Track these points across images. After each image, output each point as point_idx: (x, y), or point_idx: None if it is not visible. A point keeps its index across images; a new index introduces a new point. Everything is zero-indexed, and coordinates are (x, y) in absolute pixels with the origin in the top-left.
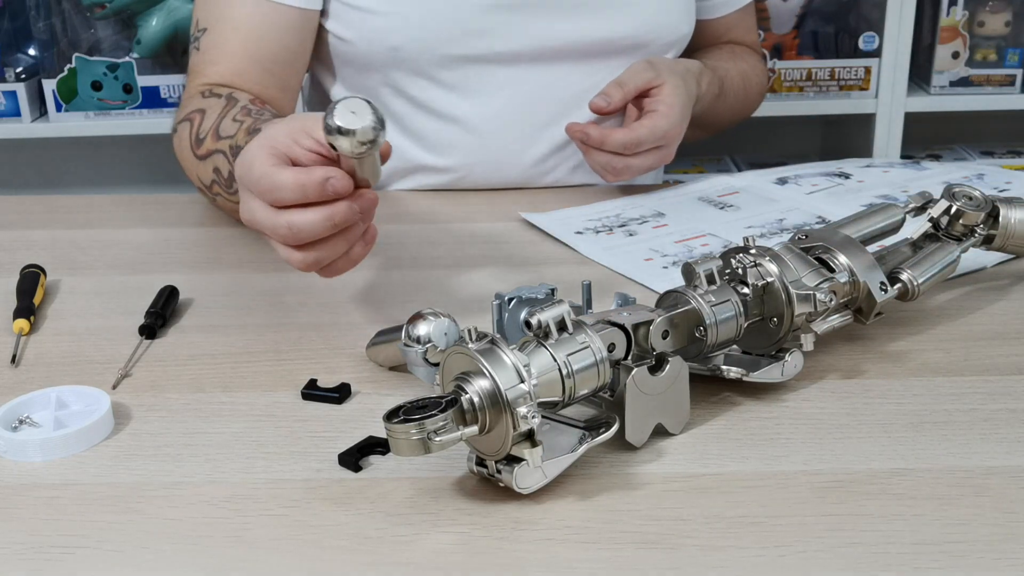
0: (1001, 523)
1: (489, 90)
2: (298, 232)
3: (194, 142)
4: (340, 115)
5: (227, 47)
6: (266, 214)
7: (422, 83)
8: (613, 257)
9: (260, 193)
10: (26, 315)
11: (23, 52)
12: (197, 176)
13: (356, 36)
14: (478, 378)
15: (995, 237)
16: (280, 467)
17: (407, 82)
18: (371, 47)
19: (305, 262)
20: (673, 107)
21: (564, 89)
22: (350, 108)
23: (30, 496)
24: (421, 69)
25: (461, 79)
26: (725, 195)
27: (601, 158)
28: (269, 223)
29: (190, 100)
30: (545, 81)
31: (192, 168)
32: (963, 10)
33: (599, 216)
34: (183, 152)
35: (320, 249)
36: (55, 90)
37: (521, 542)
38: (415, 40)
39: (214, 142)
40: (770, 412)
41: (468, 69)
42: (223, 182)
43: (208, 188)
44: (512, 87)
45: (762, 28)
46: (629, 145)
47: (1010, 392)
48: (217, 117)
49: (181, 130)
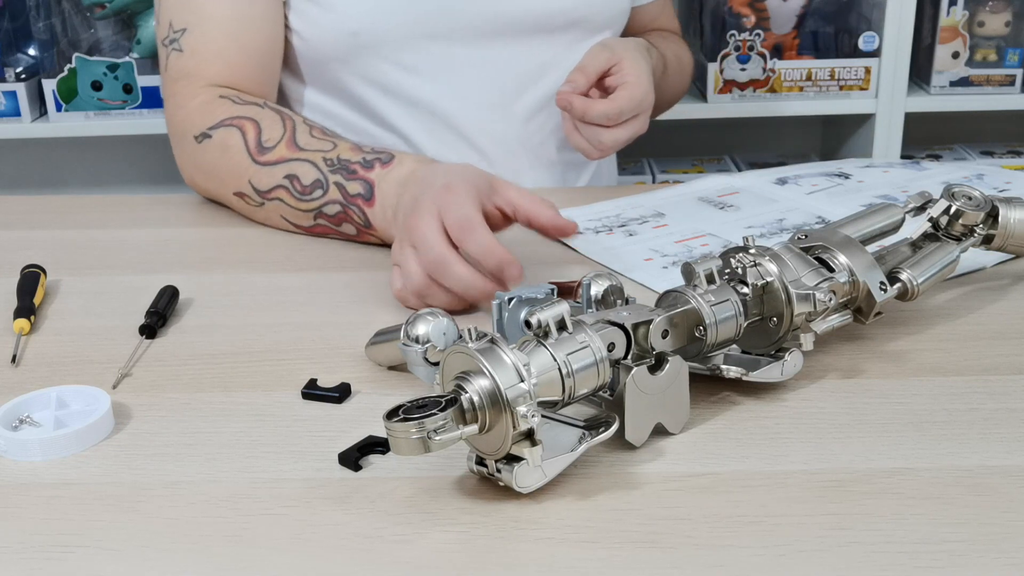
0: (1001, 523)
1: (450, 71)
2: (428, 299)
3: (255, 147)
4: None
5: (216, 45)
6: (419, 272)
7: (385, 68)
8: (613, 257)
9: (425, 261)
10: (26, 315)
11: (23, 52)
12: (248, 181)
13: (314, 30)
14: (478, 377)
15: (995, 237)
16: (280, 467)
17: (370, 68)
18: (331, 37)
19: (413, 304)
20: (640, 76)
21: (521, 65)
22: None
23: (30, 496)
24: (383, 53)
25: (423, 61)
26: (725, 195)
27: (586, 132)
28: (419, 280)
29: (209, 105)
30: (502, 57)
31: (240, 173)
32: (963, 10)
33: (599, 216)
34: (225, 156)
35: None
36: (55, 90)
37: (521, 541)
38: (374, 23)
39: (292, 151)
40: (770, 412)
41: (428, 50)
42: (297, 189)
43: (263, 192)
44: (471, 65)
45: (762, 28)
46: (612, 115)
47: (1010, 392)
48: (284, 126)
49: (223, 136)
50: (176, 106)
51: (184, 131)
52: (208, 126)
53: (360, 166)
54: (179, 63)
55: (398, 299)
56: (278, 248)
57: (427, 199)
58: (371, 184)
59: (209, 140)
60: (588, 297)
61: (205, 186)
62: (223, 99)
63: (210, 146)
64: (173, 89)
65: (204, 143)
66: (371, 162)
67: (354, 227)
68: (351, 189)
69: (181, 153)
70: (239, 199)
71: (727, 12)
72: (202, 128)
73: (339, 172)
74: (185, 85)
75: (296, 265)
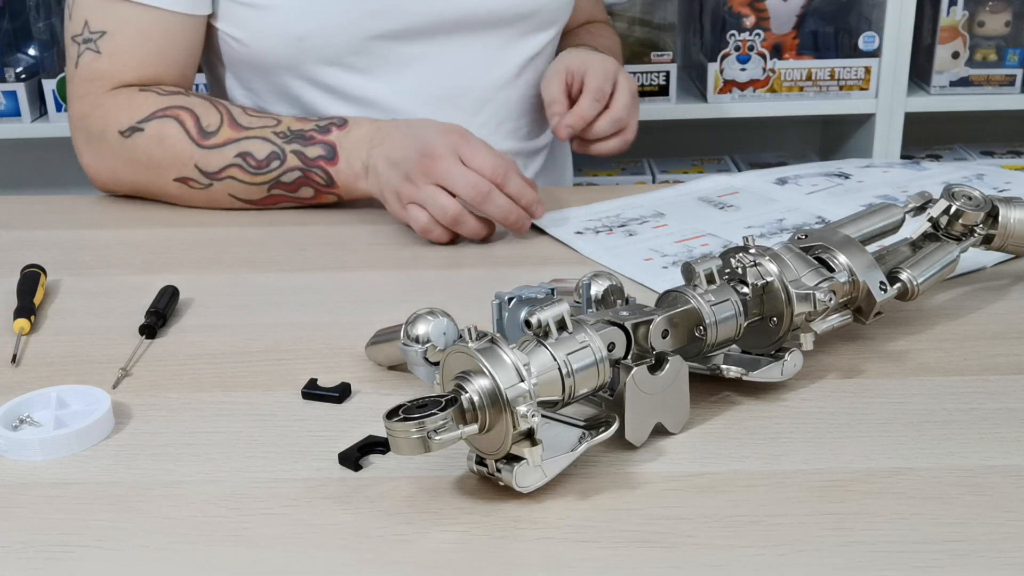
0: (1001, 523)
1: (397, 69)
2: (459, 227)
3: (197, 134)
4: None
5: (135, 52)
6: (453, 203)
7: (332, 71)
8: (613, 257)
9: (469, 191)
10: (26, 315)
11: (23, 52)
12: (194, 165)
13: (252, 35)
14: (478, 377)
15: (995, 237)
16: (280, 467)
17: (316, 71)
18: (273, 41)
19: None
20: (616, 80)
21: (467, 59)
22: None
23: (30, 495)
24: (329, 56)
25: (369, 61)
26: (725, 195)
27: (604, 147)
28: (455, 210)
29: (133, 100)
30: (447, 55)
31: (182, 159)
32: (963, 10)
33: (599, 216)
34: (163, 145)
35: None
36: (55, 90)
37: (521, 541)
38: (319, 27)
39: (236, 131)
40: (770, 411)
41: (374, 50)
42: (251, 165)
43: (212, 174)
44: (417, 64)
45: (762, 28)
46: (618, 120)
47: (1010, 392)
48: (219, 112)
49: (158, 127)
50: (91, 104)
51: (104, 128)
52: (137, 120)
53: (316, 132)
54: (95, 64)
55: (423, 233)
56: (278, 248)
57: (440, 146)
58: (332, 145)
59: (140, 133)
60: (588, 297)
61: (132, 179)
62: (146, 92)
63: (141, 139)
64: (85, 88)
65: (134, 136)
66: (326, 127)
67: (313, 189)
68: (311, 153)
69: (98, 151)
70: (180, 184)
71: (727, 12)
72: (130, 122)
73: (295, 141)
74: (100, 85)
75: (296, 265)
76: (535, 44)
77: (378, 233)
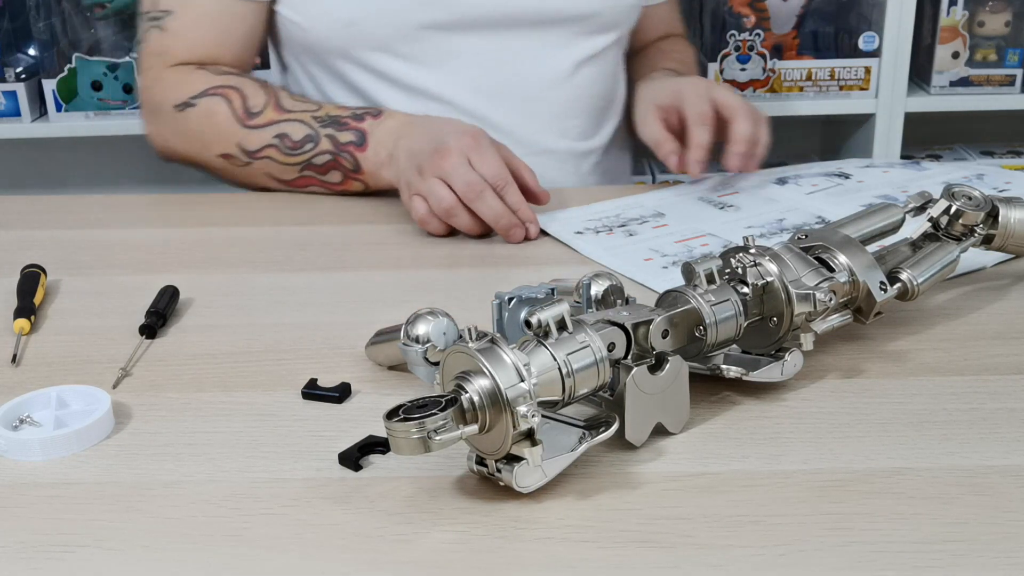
0: (1001, 523)
1: (446, 59)
2: (452, 220)
3: (242, 113)
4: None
5: (197, 33)
6: (449, 195)
7: (382, 57)
8: (613, 257)
9: (462, 186)
10: (26, 315)
11: (23, 52)
12: (236, 143)
13: (309, 17)
14: (478, 377)
15: (995, 237)
16: (280, 467)
17: (367, 56)
18: (326, 25)
19: (434, 227)
20: (711, 97)
21: (516, 56)
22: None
23: (30, 495)
24: (378, 43)
25: (418, 50)
26: (725, 195)
27: (757, 158)
28: (449, 202)
29: (189, 77)
30: (497, 49)
31: (227, 136)
32: (963, 10)
33: (599, 216)
34: (211, 121)
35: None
36: (55, 90)
37: (521, 541)
38: (369, 13)
39: (279, 114)
40: (770, 411)
41: (423, 39)
42: (287, 146)
43: (251, 152)
44: (467, 55)
45: (762, 28)
46: (750, 138)
47: (1010, 392)
48: (267, 94)
49: (208, 104)
50: (153, 78)
51: (161, 101)
52: (190, 95)
53: (351, 119)
54: (160, 40)
55: (420, 223)
56: (278, 248)
57: (453, 144)
58: (364, 132)
59: (192, 108)
60: (588, 297)
61: (184, 150)
62: (202, 71)
63: (193, 114)
64: (150, 62)
65: (186, 111)
66: (361, 115)
67: (341, 173)
68: (342, 138)
69: (156, 121)
70: (224, 160)
71: (727, 12)
72: (183, 97)
73: (330, 126)
74: (162, 60)
75: (296, 265)
76: (593, 46)
77: (378, 233)
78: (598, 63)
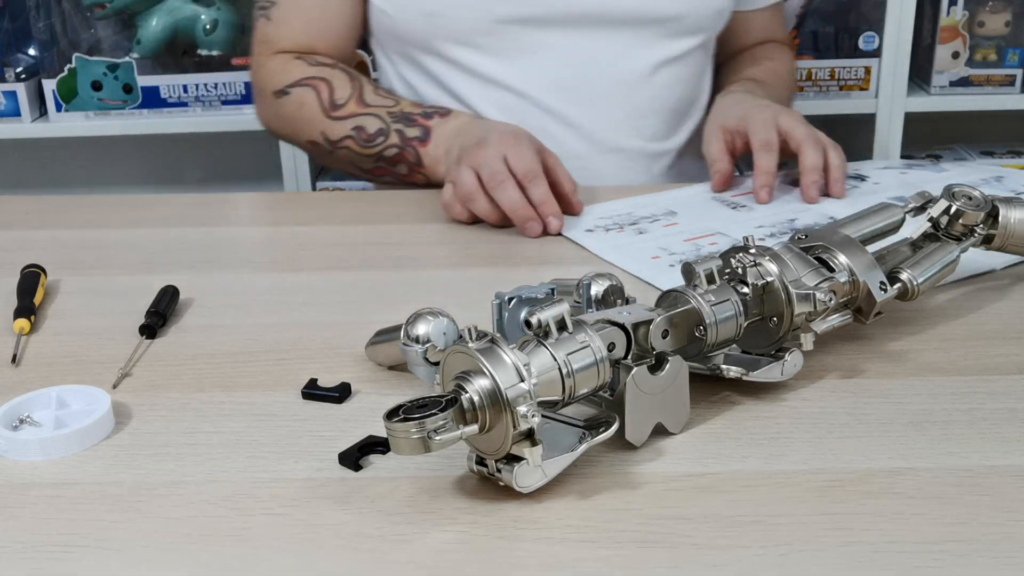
0: (1001, 523)
1: (525, 54)
2: (472, 205)
3: (328, 105)
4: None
5: (298, 23)
6: (473, 181)
7: (463, 50)
8: (621, 255)
9: (486, 173)
10: (26, 315)
11: (23, 52)
12: (321, 132)
13: (395, 7)
14: (478, 377)
15: (995, 237)
16: (280, 467)
17: (448, 49)
18: (411, 16)
19: (456, 212)
20: (778, 125)
21: (594, 55)
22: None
23: (30, 496)
24: (459, 35)
25: (498, 44)
26: (739, 195)
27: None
28: (471, 187)
29: (286, 65)
30: (576, 46)
31: (314, 125)
32: (963, 10)
33: (612, 214)
34: (302, 110)
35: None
36: (55, 90)
37: (521, 541)
38: (449, 5)
39: (360, 107)
40: (770, 411)
41: (503, 33)
42: (363, 138)
43: (333, 142)
44: (545, 51)
45: None
46: (819, 167)
47: (1010, 392)
48: (352, 88)
49: (300, 94)
50: (258, 65)
51: (263, 87)
52: (286, 84)
53: (420, 116)
54: (264, 29)
55: (444, 207)
56: (278, 248)
57: (494, 140)
58: (428, 129)
59: (287, 96)
60: (588, 297)
61: (283, 132)
62: (298, 60)
63: (288, 101)
64: (257, 49)
65: (282, 99)
66: (430, 114)
67: (407, 167)
68: (409, 133)
69: (260, 104)
70: (312, 146)
71: None
72: (280, 85)
73: (401, 121)
74: (266, 48)
75: (296, 265)
76: (674, 48)
77: (378, 233)
78: (679, 66)
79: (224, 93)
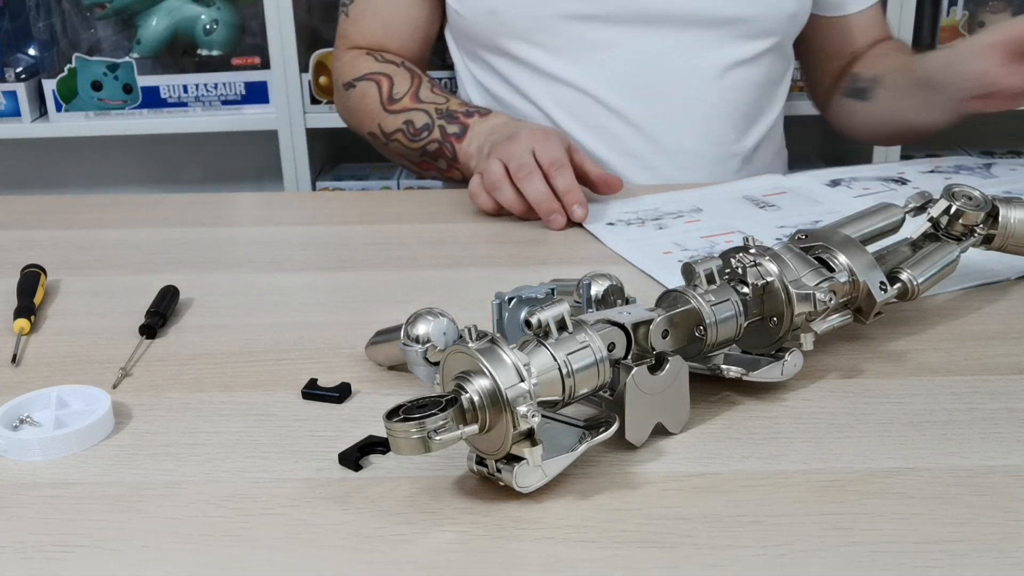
0: (1001, 523)
1: (588, 52)
2: (497, 194)
3: (386, 99)
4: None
5: (368, 21)
6: (500, 171)
7: (525, 47)
8: (633, 250)
9: (514, 164)
10: (26, 315)
11: (23, 52)
12: (378, 124)
13: (463, 5)
14: (478, 377)
15: (995, 237)
16: (280, 467)
17: (512, 46)
18: (477, 13)
19: (482, 201)
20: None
21: (659, 55)
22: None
23: (30, 496)
24: (521, 32)
25: (560, 41)
26: (771, 195)
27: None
28: (498, 176)
29: (356, 60)
30: (640, 45)
31: (373, 117)
32: (963, 10)
33: (637, 209)
34: (364, 103)
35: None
36: (55, 90)
37: (521, 541)
38: (511, 3)
39: (413, 103)
40: (770, 411)
41: (566, 31)
42: (411, 132)
43: (387, 134)
44: (609, 49)
45: None
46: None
47: (1010, 392)
48: (411, 84)
49: (364, 87)
50: (335, 57)
51: (337, 79)
52: (353, 77)
53: (462, 115)
54: (343, 25)
55: (471, 196)
56: (278, 248)
57: (524, 135)
58: (466, 126)
59: (353, 89)
60: (588, 297)
61: (350, 123)
62: (368, 56)
63: (353, 94)
64: (336, 43)
65: (350, 91)
66: (472, 112)
67: (445, 161)
68: (449, 129)
69: (336, 95)
70: (372, 137)
71: None
72: (349, 78)
73: (444, 118)
74: (343, 43)
75: (296, 265)
76: (744, 51)
77: (378, 233)
78: (749, 69)
79: (224, 93)
